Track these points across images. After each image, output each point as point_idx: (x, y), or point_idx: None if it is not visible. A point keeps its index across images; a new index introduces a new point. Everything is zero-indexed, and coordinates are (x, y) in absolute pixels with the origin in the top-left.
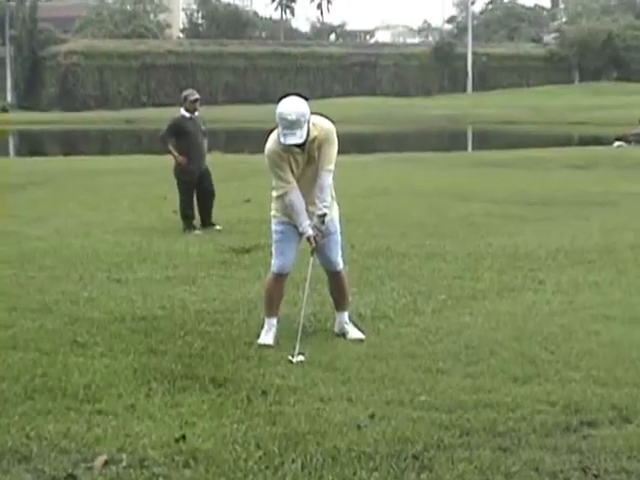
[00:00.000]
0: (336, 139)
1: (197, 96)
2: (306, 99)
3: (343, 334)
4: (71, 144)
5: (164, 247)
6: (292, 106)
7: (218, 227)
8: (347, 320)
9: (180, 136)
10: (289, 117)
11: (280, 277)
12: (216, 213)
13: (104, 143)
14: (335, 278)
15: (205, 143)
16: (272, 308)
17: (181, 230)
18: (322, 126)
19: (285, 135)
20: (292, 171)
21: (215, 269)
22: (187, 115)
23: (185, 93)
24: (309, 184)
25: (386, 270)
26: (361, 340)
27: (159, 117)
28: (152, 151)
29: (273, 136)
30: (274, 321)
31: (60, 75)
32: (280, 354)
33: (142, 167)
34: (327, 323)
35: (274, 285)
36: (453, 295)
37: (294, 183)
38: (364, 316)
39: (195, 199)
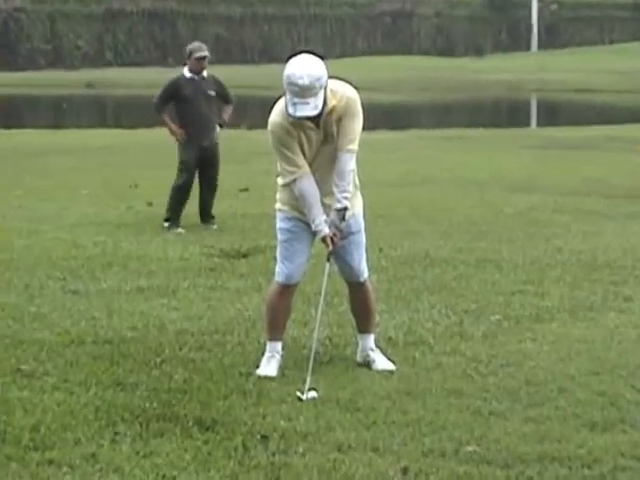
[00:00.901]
0: (361, 111)
1: (205, 53)
2: (322, 58)
3: (368, 364)
4: (14, 114)
5: (136, 249)
6: (304, 68)
7: (215, 226)
8: (373, 346)
9: (177, 102)
10: (300, 82)
11: (287, 289)
12: None
13: (57, 113)
14: (358, 291)
15: (227, 111)
16: (276, 329)
17: (159, 226)
18: (343, 94)
19: (295, 105)
20: (303, 152)
21: (202, 278)
22: (188, 76)
23: (190, 47)
24: (325, 169)
25: (424, 281)
26: (391, 372)
27: (128, 80)
28: (120, 124)
29: (279, 106)
30: (278, 346)
31: None
32: (286, 389)
33: (107, 145)
34: (347, 349)
35: (279, 299)
36: (511, 315)
37: (306, 167)
38: (395, 341)
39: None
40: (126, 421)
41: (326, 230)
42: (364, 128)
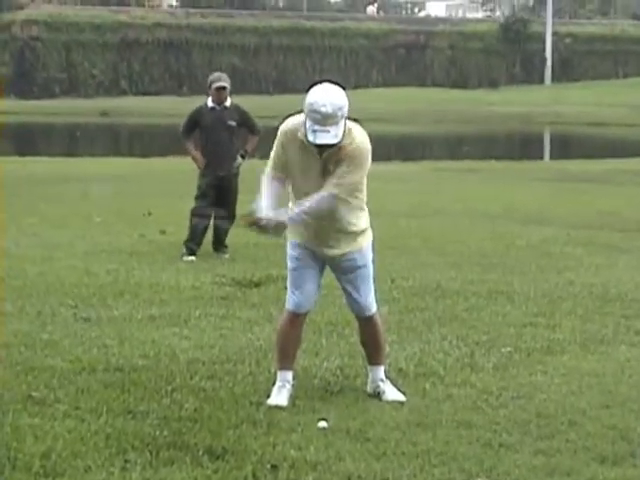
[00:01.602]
0: (366, 164)
1: (223, 83)
2: (343, 89)
3: (378, 394)
4: (29, 141)
5: (148, 277)
6: (327, 96)
7: (226, 255)
8: (383, 377)
9: (199, 131)
10: (323, 109)
11: (297, 317)
12: None
13: (72, 141)
14: (367, 325)
15: (251, 142)
16: (286, 358)
17: (171, 255)
18: (355, 137)
19: (315, 132)
20: (294, 169)
21: (213, 307)
22: (210, 105)
23: (210, 78)
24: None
25: (435, 313)
26: (401, 403)
27: (142, 109)
28: (134, 153)
29: (300, 118)
30: (289, 376)
31: (15, 52)
32: (296, 419)
33: (120, 173)
34: (357, 380)
35: (289, 328)
36: (522, 347)
37: (279, 175)
38: (405, 372)
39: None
40: (136, 449)
41: (262, 214)
42: (376, 159)
